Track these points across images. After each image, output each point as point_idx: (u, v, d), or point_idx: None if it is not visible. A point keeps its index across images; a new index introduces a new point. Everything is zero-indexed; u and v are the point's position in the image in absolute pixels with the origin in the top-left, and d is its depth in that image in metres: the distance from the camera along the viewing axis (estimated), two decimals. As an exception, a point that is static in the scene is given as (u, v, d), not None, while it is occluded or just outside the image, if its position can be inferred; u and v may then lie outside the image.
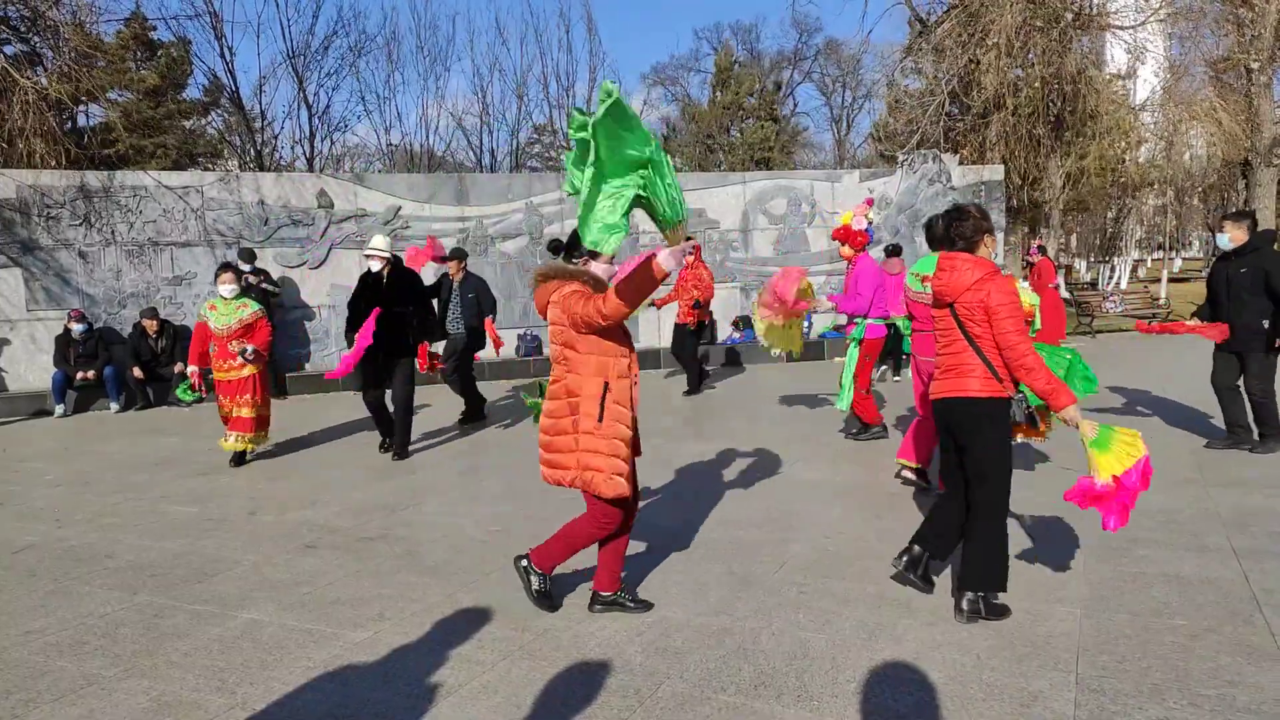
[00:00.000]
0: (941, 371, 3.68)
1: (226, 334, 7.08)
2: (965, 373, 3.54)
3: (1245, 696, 2.85)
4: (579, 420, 3.52)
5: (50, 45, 14.67)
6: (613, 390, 3.52)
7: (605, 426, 3.49)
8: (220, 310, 7.16)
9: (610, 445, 3.50)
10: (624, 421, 3.54)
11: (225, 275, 7.24)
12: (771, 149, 32.61)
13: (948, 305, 3.60)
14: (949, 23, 17.68)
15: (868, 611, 3.68)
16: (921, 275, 5.44)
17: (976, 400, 3.50)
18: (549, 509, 5.51)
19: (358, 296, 7.32)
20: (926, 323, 5.42)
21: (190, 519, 5.62)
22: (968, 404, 3.52)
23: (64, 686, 3.25)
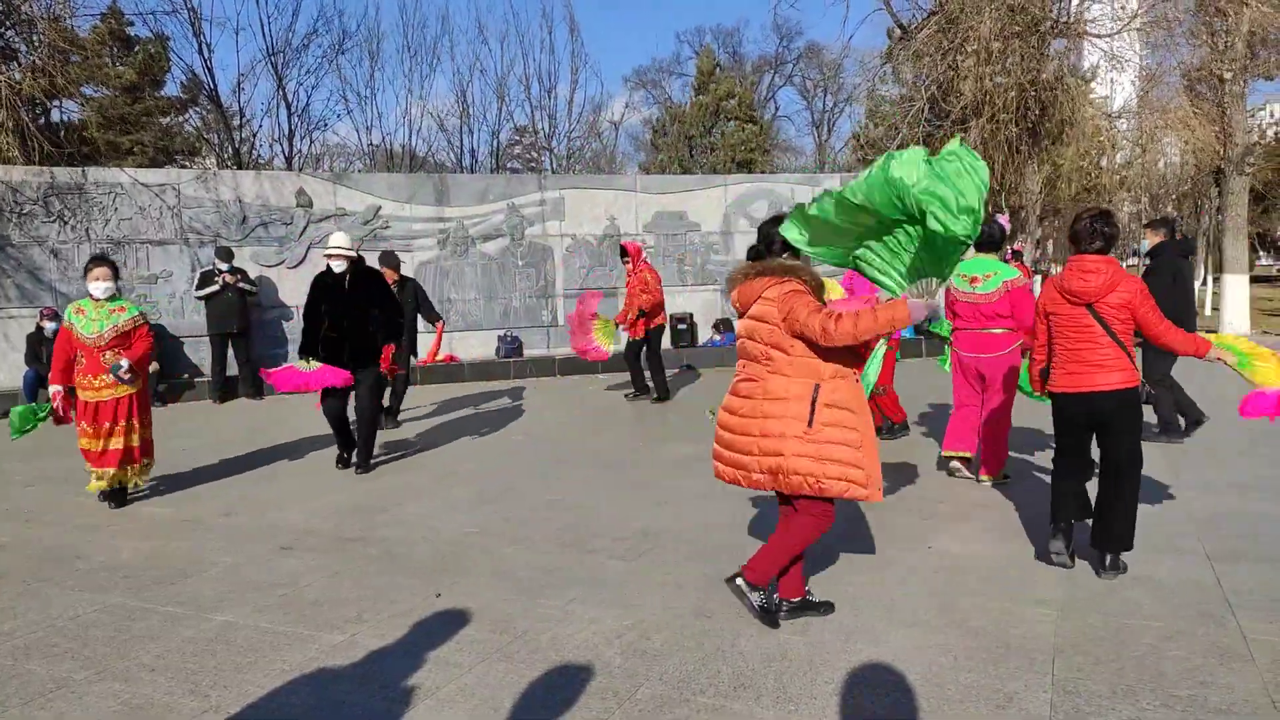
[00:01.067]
0: (1076, 365, 4.03)
1: (98, 344, 5.77)
2: (1111, 367, 3.96)
3: (1217, 697, 2.89)
4: (786, 423, 3.35)
5: (24, 39, 14.47)
6: (824, 392, 3.36)
7: (815, 430, 3.33)
8: (90, 314, 5.81)
9: (822, 449, 3.32)
10: (844, 424, 3.36)
11: (97, 269, 5.85)
12: (753, 151, 32.73)
13: (1084, 305, 3.97)
14: (929, 29, 17.81)
15: (846, 613, 3.69)
16: (970, 276, 5.71)
17: (1126, 390, 3.98)
18: (527, 512, 5.50)
19: (315, 302, 6.61)
20: (972, 321, 5.78)
21: (164, 520, 5.56)
22: (1120, 394, 3.97)
23: (33, 689, 3.20)
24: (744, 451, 3.46)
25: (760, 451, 3.40)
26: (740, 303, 3.55)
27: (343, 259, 6.54)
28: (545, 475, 6.50)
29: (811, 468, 3.33)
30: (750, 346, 3.50)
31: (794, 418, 3.35)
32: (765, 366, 3.45)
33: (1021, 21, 16.72)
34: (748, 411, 3.46)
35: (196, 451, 7.85)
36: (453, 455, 7.39)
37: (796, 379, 3.38)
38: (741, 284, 3.54)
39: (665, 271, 13.97)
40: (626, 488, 6.02)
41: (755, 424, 3.42)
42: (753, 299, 3.48)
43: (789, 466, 3.34)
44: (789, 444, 3.34)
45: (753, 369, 3.49)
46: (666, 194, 14.15)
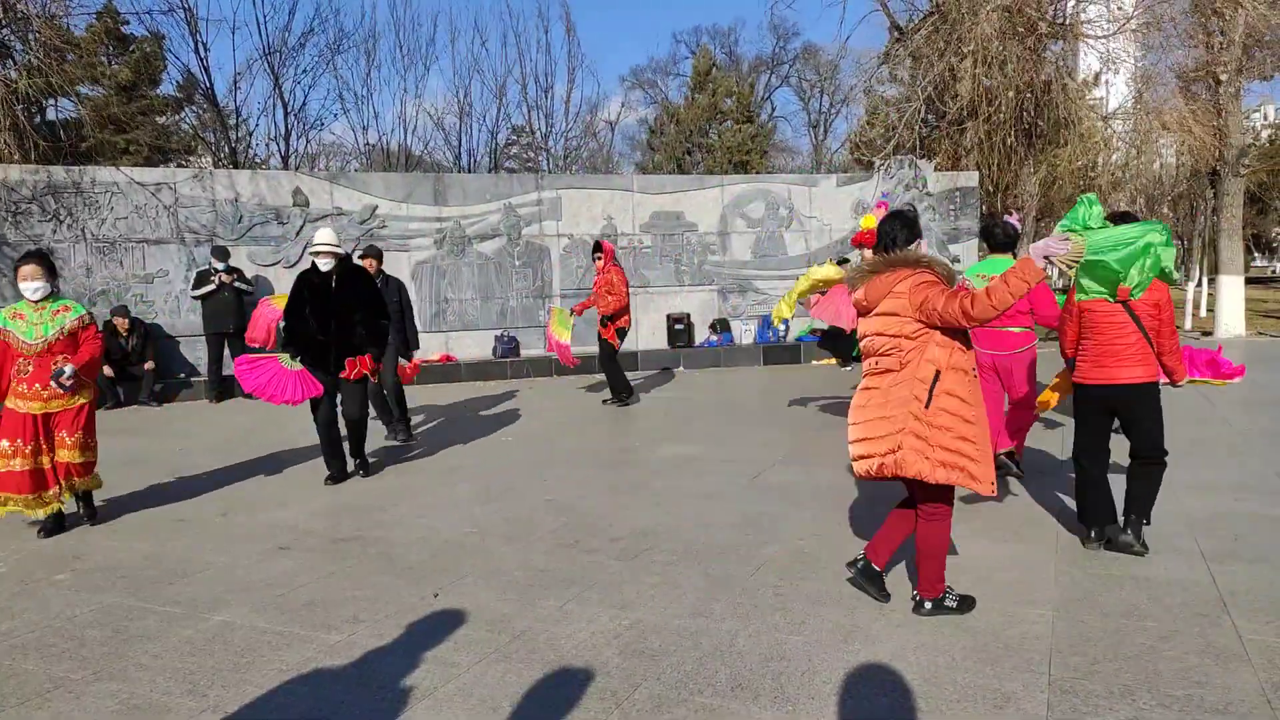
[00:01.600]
0: (1105, 358, 4.27)
1: (42, 349, 5.16)
2: (1136, 361, 4.24)
3: (1213, 697, 2.90)
4: (907, 405, 3.43)
5: (19, 38, 14.43)
6: (944, 380, 3.42)
7: (931, 413, 3.40)
8: (30, 318, 5.19)
9: (935, 434, 3.39)
10: (958, 413, 3.41)
11: (25, 268, 5.20)
12: (750, 152, 32.75)
13: (1120, 301, 4.19)
14: (926, 30, 17.83)
15: (843, 613, 3.70)
16: (989, 276, 5.73)
17: (1147, 384, 4.25)
18: (524, 512, 5.50)
19: (298, 303, 6.28)
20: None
21: (160, 520, 5.55)
22: (1142, 387, 4.25)
23: (31, 689, 3.20)
24: (873, 437, 3.53)
25: (884, 434, 3.49)
26: (868, 300, 3.58)
27: (330, 256, 6.23)
28: (542, 475, 6.50)
29: (925, 451, 3.41)
30: (880, 341, 3.55)
31: (915, 399, 3.42)
32: (894, 357, 3.52)
33: (1018, 23, 16.75)
34: (875, 401, 3.55)
35: (193, 451, 7.84)
36: (450, 455, 7.39)
37: (921, 365, 3.45)
38: (870, 280, 3.57)
39: (663, 271, 14.03)
40: (624, 488, 6.03)
41: (879, 410, 3.53)
42: (883, 295, 3.52)
43: (900, 444, 3.43)
44: (902, 421, 3.44)
45: (883, 362, 3.56)
46: (663, 194, 14.16)
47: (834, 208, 14.62)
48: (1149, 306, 4.24)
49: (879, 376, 3.57)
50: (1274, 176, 29.37)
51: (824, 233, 14.52)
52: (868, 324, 3.61)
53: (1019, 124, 17.31)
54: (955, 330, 3.45)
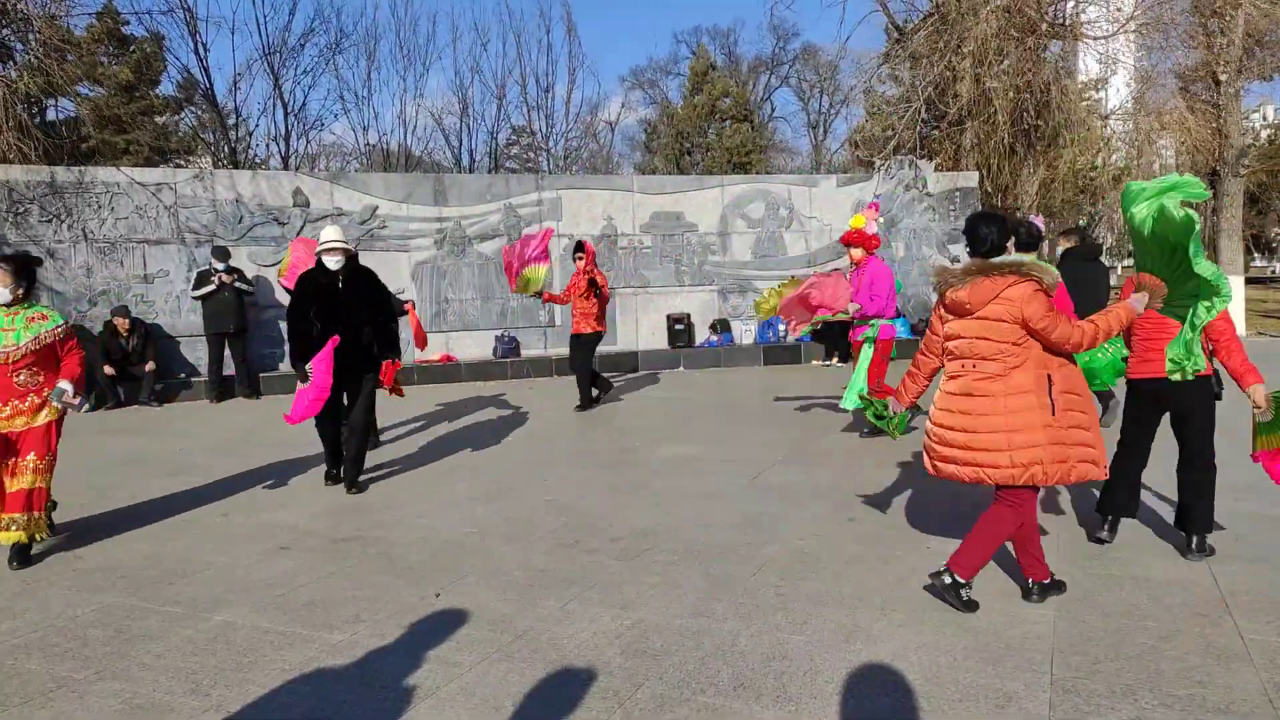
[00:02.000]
0: (1154, 354, 4.26)
1: (10, 360, 4.63)
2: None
3: (1215, 696, 2.90)
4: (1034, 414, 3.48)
5: (20, 38, 14.44)
6: (1057, 380, 3.54)
7: (1059, 418, 3.50)
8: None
9: (1069, 434, 3.51)
10: (1078, 408, 3.56)
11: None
12: (749, 152, 32.76)
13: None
14: (925, 30, 17.85)
15: (844, 613, 3.71)
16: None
17: (1197, 379, 4.15)
18: (525, 512, 5.51)
19: (303, 305, 6.00)
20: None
21: (161, 520, 5.55)
22: (1196, 383, 4.17)
23: (33, 689, 3.20)
24: (989, 448, 3.53)
25: (1011, 446, 3.49)
26: (971, 302, 3.60)
27: (340, 253, 5.99)
28: (542, 475, 6.50)
29: (1063, 454, 3.50)
30: (984, 346, 3.58)
31: (1040, 408, 3.49)
32: (1003, 363, 3.55)
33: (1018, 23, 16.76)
34: (988, 409, 3.55)
35: (193, 451, 7.85)
36: (450, 455, 7.39)
37: (1033, 371, 3.53)
38: (974, 283, 3.59)
39: (662, 271, 14.03)
40: (624, 488, 6.03)
41: (1001, 420, 3.51)
42: (988, 299, 3.55)
43: (1045, 456, 3.47)
44: (1039, 434, 3.47)
45: (986, 366, 3.58)
46: (663, 194, 14.17)
47: (834, 208, 14.61)
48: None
49: (985, 382, 3.58)
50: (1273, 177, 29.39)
51: (824, 233, 14.52)
52: (965, 326, 3.64)
53: (1019, 124, 17.33)
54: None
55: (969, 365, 3.63)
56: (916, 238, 14.93)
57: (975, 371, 3.60)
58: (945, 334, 3.75)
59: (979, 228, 3.71)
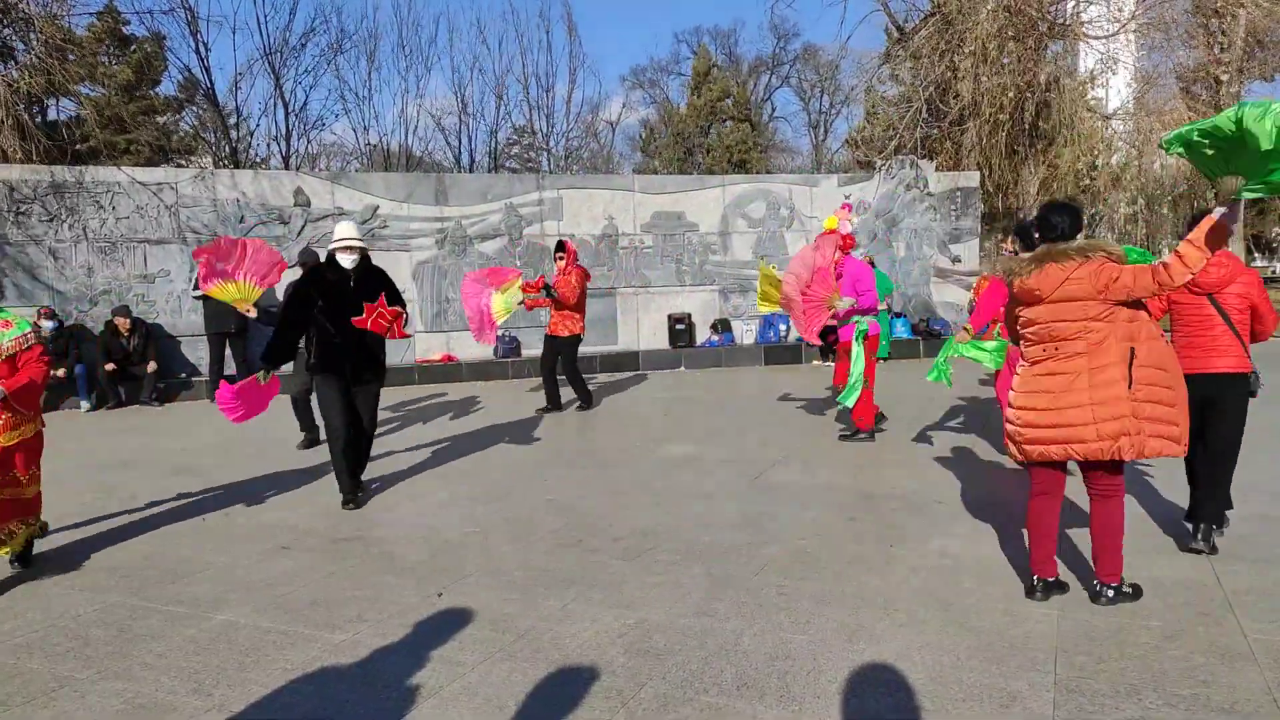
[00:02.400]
0: (1195, 350, 4.35)
1: None
2: (1226, 351, 4.31)
3: (1219, 696, 2.90)
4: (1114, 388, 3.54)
5: (21, 37, 14.44)
6: (1140, 353, 3.56)
7: (1137, 391, 3.53)
8: None
9: (1149, 409, 3.54)
10: (1161, 382, 3.57)
11: None
12: (749, 152, 32.75)
13: (1205, 295, 4.34)
14: (926, 30, 17.84)
15: (847, 612, 3.70)
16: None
17: (1237, 374, 4.32)
18: (526, 511, 5.50)
19: (306, 302, 5.66)
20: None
21: (162, 519, 5.54)
22: (1231, 377, 4.32)
23: (35, 688, 3.20)
24: (1075, 423, 3.59)
25: (1096, 419, 3.56)
26: (1040, 288, 3.65)
27: (354, 251, 5.71)
28: (543, 475, 6.50)
29: (1138, 427, 3.53)
30: (1062, 327, 3.64)
31: (1120, 381, 3.55)
32: (1083, 340, 3.61)
33: (1018, 23, 16.76)
34: (1071, 386, 3.62)
35: (194, 451, 7.84)
36: (451, 455, 7.38)
37: (1116, 346, 3.57)
38: (1041, 270, 3.65)
39: (664, 271, 14.03)
40: (625, 487, 6.02)
41: (1085, 395, 3.58)
42: (1058, 283, 3.61)
43: (1130, 428, 3.53)
44: (1123, 406, 3.53)
45: (1068, 347, 3.65)
46: (664, 194, 14.16)
47: (835, 208, 14.59)
48: (1234, 299, 4.34)
49: (1068, 360, 3.63)
50: (1274, 177, 29.33)
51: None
52: (1040, 311, 3.69)
53: (1019, 124, 17.32)
54: (1136, 304, 3.60)
55: (1050, 348, 3.69)
56: (917, 237, 14.92)
57: (1058, 353, 3.67)
58: (1021, 322, 3.81)
59: (1051, 216, 3.78)
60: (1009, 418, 3.85)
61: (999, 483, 5.84)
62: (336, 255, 5.71)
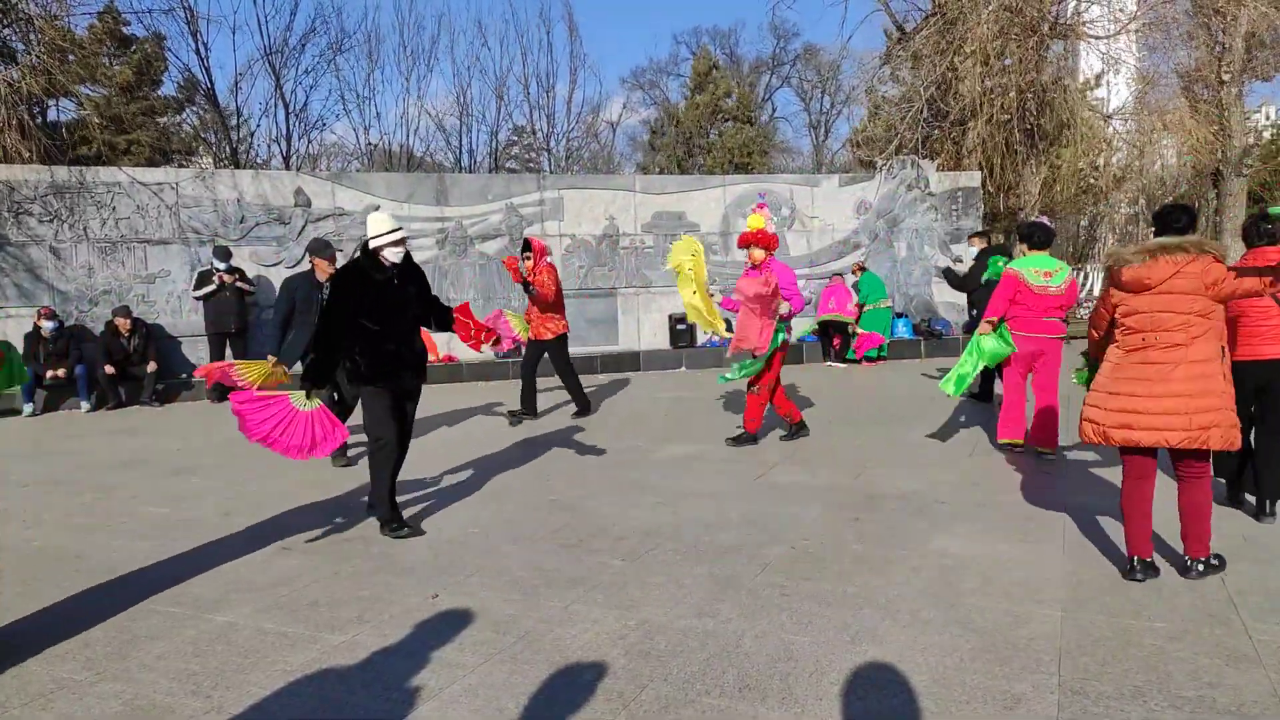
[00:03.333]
0: (1254, 339, 4.78)
1: None
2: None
3: (1225, 698, 2.88)
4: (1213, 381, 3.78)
5: (21, 38, 14.43)
6: (1227, 352, 3.92)
7: (1227, 385, 3.83)
8: None
9: (1229, 401, 3.81)
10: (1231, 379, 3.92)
11: None
12: (750, 153, 32.73)
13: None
14: (927, 30, 17.81)
15: (850, 613, 3.68)
16: (1043, 271, 6.48)
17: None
18: (527, 512, 5.48)
19: (349, 304, 4.93)
20: (1037, 310, 6.44)
21: (162, 520, 5.53)
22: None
23: (33, 690, 3.18)
24: (1170, 412, 3.76)
25: (1190, 410, 3.74)
26: (1151, 278, 3.82)
27: (402, 246, 5.05)
28: (545, 475, 6.48)
29: (1229, 419, 3.78)
30: (1165, 318, 3.81)
31: (1217, 376, 3.78)
32: (1184, 333, 3.79)
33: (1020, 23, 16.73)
34: (1169, 376, 3.79)
35: (194, 452, 7.83)
36: (452, 455, 7.36)
37: (1213, 342, 3.81)
38: (1153, 261, 3.83)
39: (664, 272, 13.98)
40: (626, 487, 6.00)
41: (1182, 386, 3.76)
42: (1167, 275, 3.79)
43: (1221, 420, 3.75)
44: (1216, 400, 3.76)
45: (1168, 337, 3.82)
46: (665, 194, 14.15)
47: (837, 208, 14.60)
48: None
49: (1167, 351, 3.81)
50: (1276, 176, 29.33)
51: (826, 233, 14.51)
52: (1146, 301, 3.85)
53: (1021, 124, 17.30)
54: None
55: (1150, 337, 3.85)
56: (919, 237, 14.91)
57: (1158, 343, 3.83)
58: (1121, 310, 3.97)
59: (1172, 213, 4.02)
60: (1093, 402, 4.02)
61: (1002, 483, 5.83)
62: (384, 252, 5.01)
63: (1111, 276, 4.02)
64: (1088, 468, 6.19)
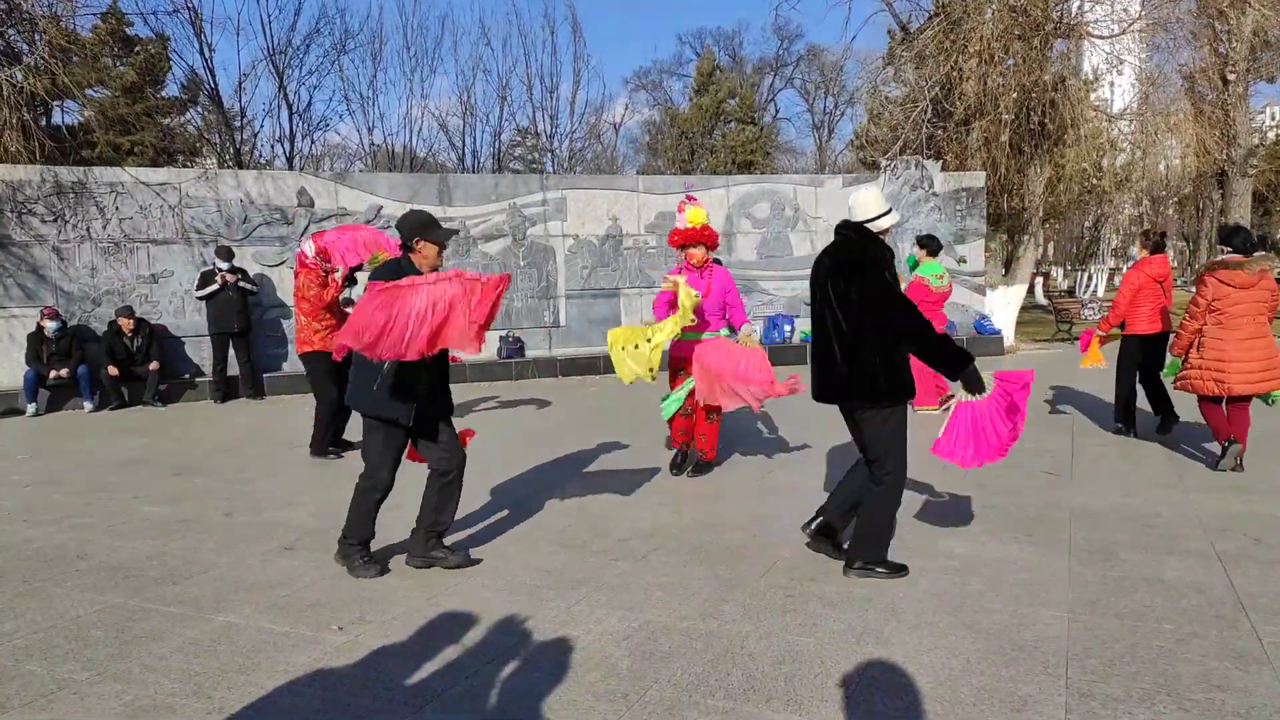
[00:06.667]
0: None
1: None
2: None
3: (1234, 700, 2.85)
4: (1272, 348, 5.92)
5: (26, 39, 14.43)
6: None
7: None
8: None
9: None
10: None
11: None
12: (754, 153, 32.72)
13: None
14: (931, 30, 17.76)
15: (855, 615, 3.66)
16: (940, 274, 8.52)
17: None
18: (529, 512, 5.47)
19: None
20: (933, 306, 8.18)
21: (164, 519, 5.52)
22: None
23: (34, 690, 3.16)
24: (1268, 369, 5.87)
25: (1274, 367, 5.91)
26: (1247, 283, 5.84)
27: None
28: (547, 475, 6.46)
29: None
30: (1259, 306, 5.88)
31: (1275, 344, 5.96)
32: (1267, 316, 5.93)
33: (1023, 23, 16.69)
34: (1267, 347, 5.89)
35: (196, 452, 7.82)
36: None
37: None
38: (1248, 271, 5.85)
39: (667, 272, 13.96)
40: (629, 488, 5.98)
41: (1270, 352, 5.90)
42: (1256, 281, 5.85)
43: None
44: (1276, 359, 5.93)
45: (1260, 323, 5.90)
46: (669, 194, 14.12)
47: (840, 208, 14.50)
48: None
49: (1263, 328, 5.92)
50: (1280, 177, 29.25)
51: (830, 233, 14.45)
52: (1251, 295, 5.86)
53: (1025, 124, 17.25)
54: None
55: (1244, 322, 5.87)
56: (922, 238, 14.86)
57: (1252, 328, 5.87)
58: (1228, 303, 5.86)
59: (1238, 236, 6.15)
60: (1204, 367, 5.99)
61: (1008, 485, 5.79)
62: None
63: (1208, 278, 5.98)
64: (1093, 470, 6.16)
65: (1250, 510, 5.02)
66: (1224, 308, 5.91)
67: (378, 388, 4.16)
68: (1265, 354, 5.85)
